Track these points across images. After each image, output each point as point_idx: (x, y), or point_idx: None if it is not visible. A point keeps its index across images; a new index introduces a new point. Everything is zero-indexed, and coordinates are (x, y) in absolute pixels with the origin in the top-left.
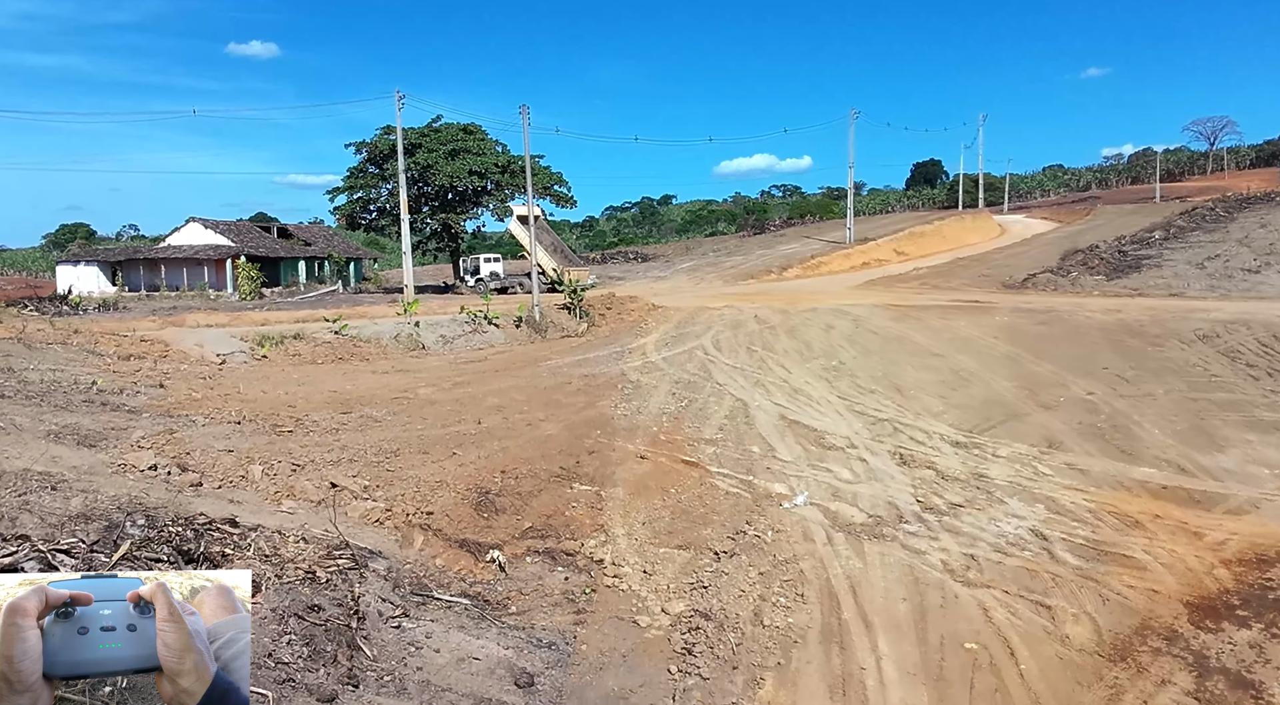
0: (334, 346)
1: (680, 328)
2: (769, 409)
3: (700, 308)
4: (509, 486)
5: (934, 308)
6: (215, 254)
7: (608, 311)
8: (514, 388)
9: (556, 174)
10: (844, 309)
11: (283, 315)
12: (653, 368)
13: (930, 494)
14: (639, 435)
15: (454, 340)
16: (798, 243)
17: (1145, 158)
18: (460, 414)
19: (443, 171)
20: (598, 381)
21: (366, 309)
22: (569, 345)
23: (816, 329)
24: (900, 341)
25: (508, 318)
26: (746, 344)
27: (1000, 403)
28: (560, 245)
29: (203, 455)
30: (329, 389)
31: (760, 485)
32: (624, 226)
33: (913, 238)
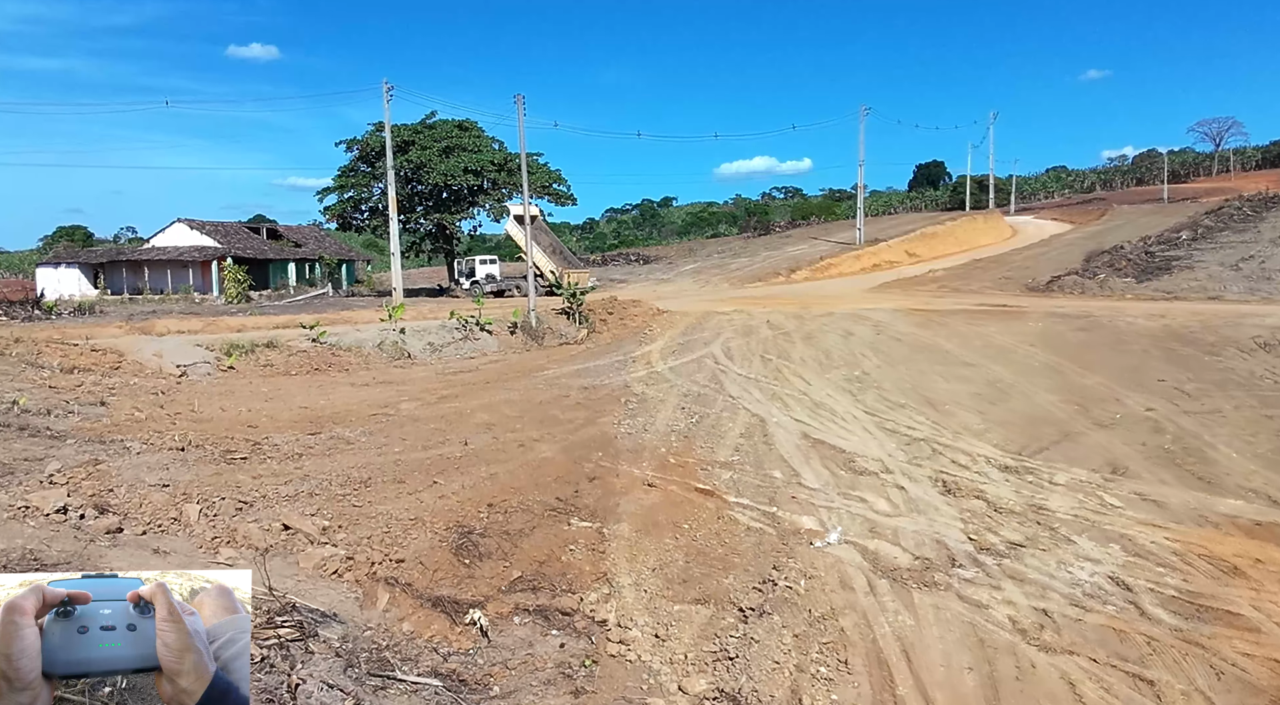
0: (310, 356)
1: (687, 334)
2: (789, 426)
3: (708, 312)
4: (496, 523)
5: (959, 312)
6: (201, 256)
7: (609, 316)
8: (506, 402)
9: (555, 172)
10: (862, 314)
11: (262, 321)
12: (659, 379)
13: (984, 530)
14: (646, 457)
15: (443, 348)
16: (805, 244)
17: (1150, 159)
18: (445, 433)
19: (436, 169)
20: (599, 394)
21: (351, 314)
22: (568, 353)
23: (835, 335)
24: (927, 349)
25: (502, 323)
26: (760, 352)
27: (1048, 419)
28: (559, 246)
29: (129, 492)
30: (299, 405)
31: (786, 519)
32: (624, 228)
33: (924, 239)
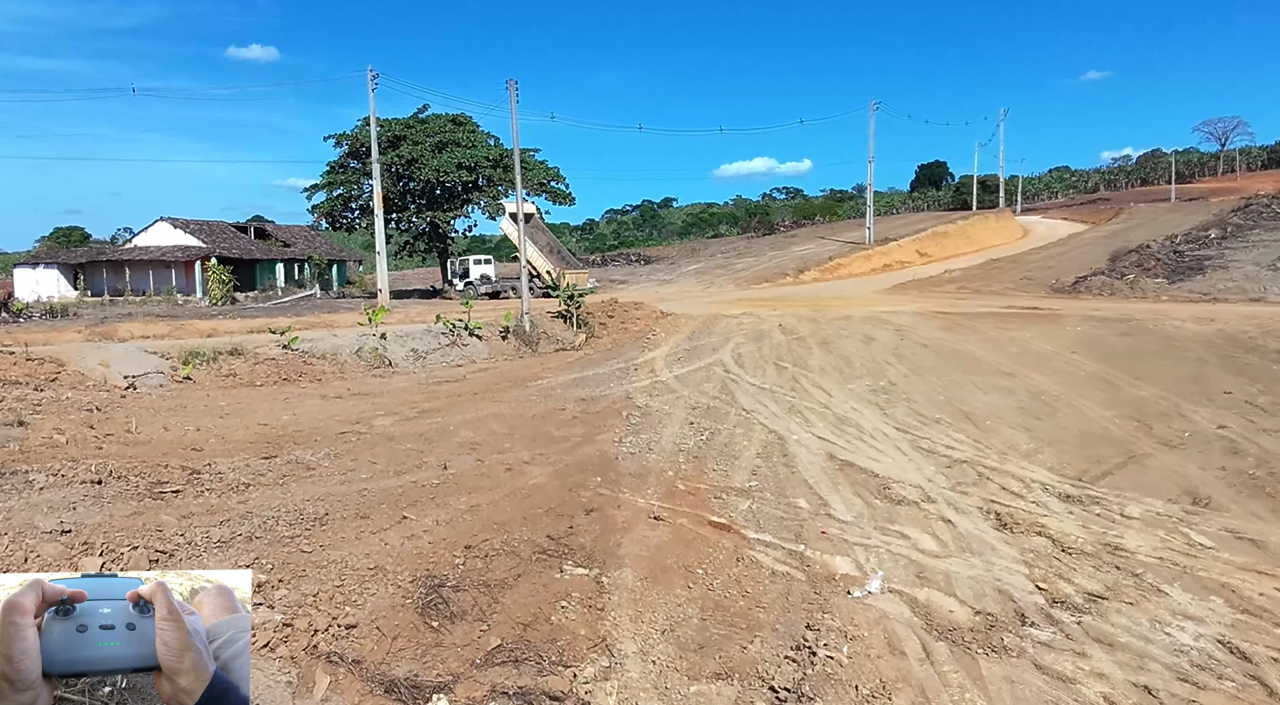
0: (279, 364)
1: (694, 339)
2: (811, 445)
3: (714, 315)
4: (474, 572)
5: (987, 315)
6: (184, 256)
7: (609, 320)
8: (494, 416)
9: (553, 169)
10: (882, 317)
11: (237, 324)
12: (664, 389)
13: (1054, 577)
14: (651, 483)
15: (427, 355)
16: (812, 244)
17: (1154, 159)
18: (423, 454)
19: (429, 165)
20: (597, 407)
21: (333, 317)
22: (564, 360)
23: (854, 341)
24: (957, 356)
25: (492, 328)
26: (774, 359)
27: (1107, 438)
28: (557, 246)
29: (13, 543)
30: (258, 422)
31: (816, 560)
32: (624, 229)
33: (935, 238)
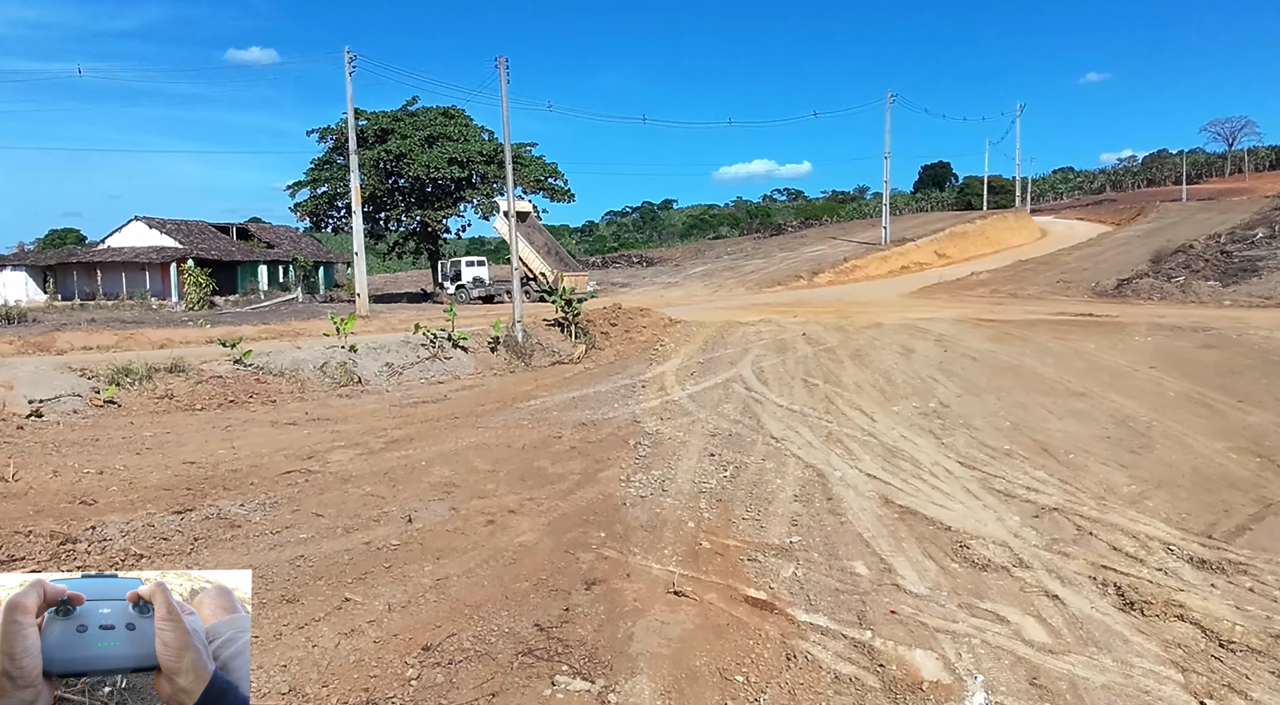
0: (227, 383)
1: (708, 350)
2: (860, 484)
3: (729, 322)
4: (431, 691)
5: (1038, 323)
6: (159, 257)
7: (612, 328)
8: (476, 448)
9: (551, 165)
10: (918, 325)
11: (198, 333)
12: (677, 410)
13: (1222, 688)
14: (667, 538)
15: (404, 371)
16: (824, 244)
17: (1160, 160)
18: (384, 502)
19: (418, 160)
20: (600, 434)
21: (304, 325)
22: (561, 376)
23: (891, 353)
24: (1016, 373)
25: (480, 338)
26: (801, 374)
27: (1226, 479)
28: (555, 246)
29: None
30: (183, 460)
31: (890, 656)
32: (624, 231)
33: (954, 238)
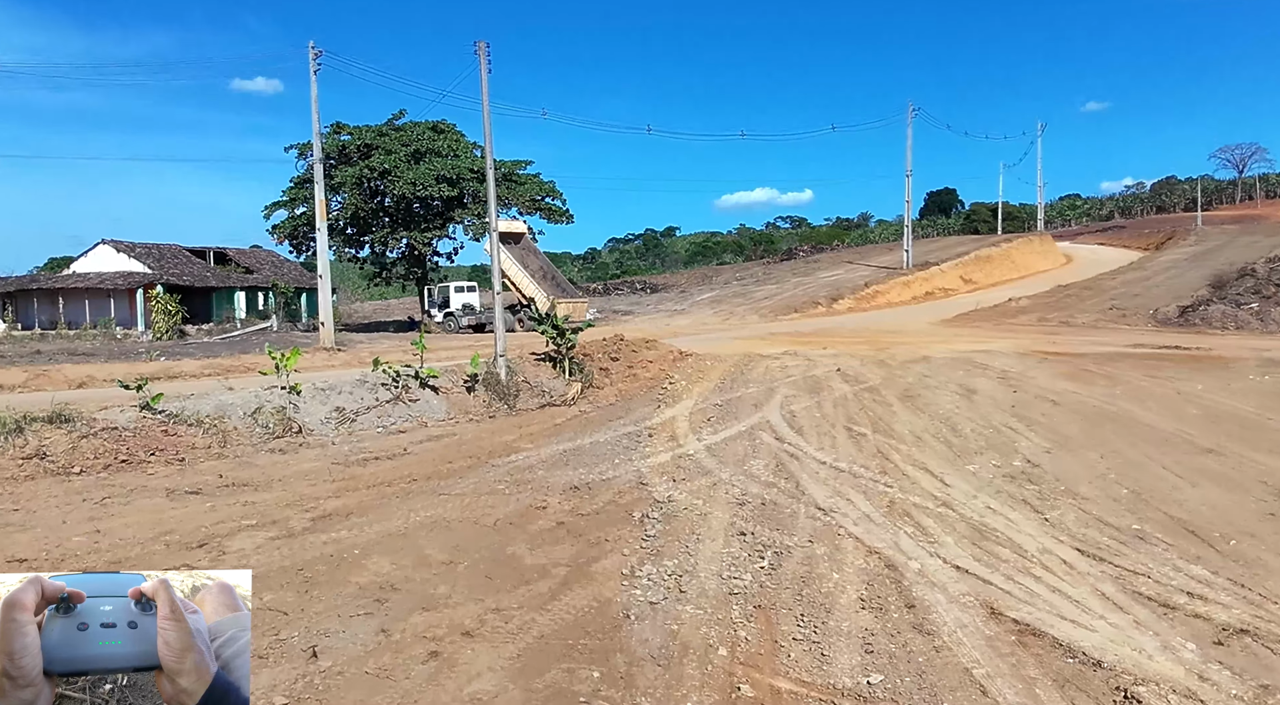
0: (123, 437)
1: (726, 389)
2: (947, 582)
3: (747, 355)
4: None
5: (1117, 357)
6: (126, 283)
7: (613, 363)
8: (433, 526)
9: (548, 184)
10: (971, 359)
11: (143, 368)
12: (693, 468)
13: None
14: (689, 679)
15: (357, 417)
16: (840, 269)
17: (1168, 186)
18: (286, 621)
19: (403, 178)
20: (596, 502)
21: (255, 360)
22: (551, 421)
23: (949, 394)
24: (1112, 420)
25: (454, 376)
26: (843, 421)
27: None
28: (551, 270)
29: None
30: (11, 555)
31: None
32: (627, 258)
33: (979, 262)
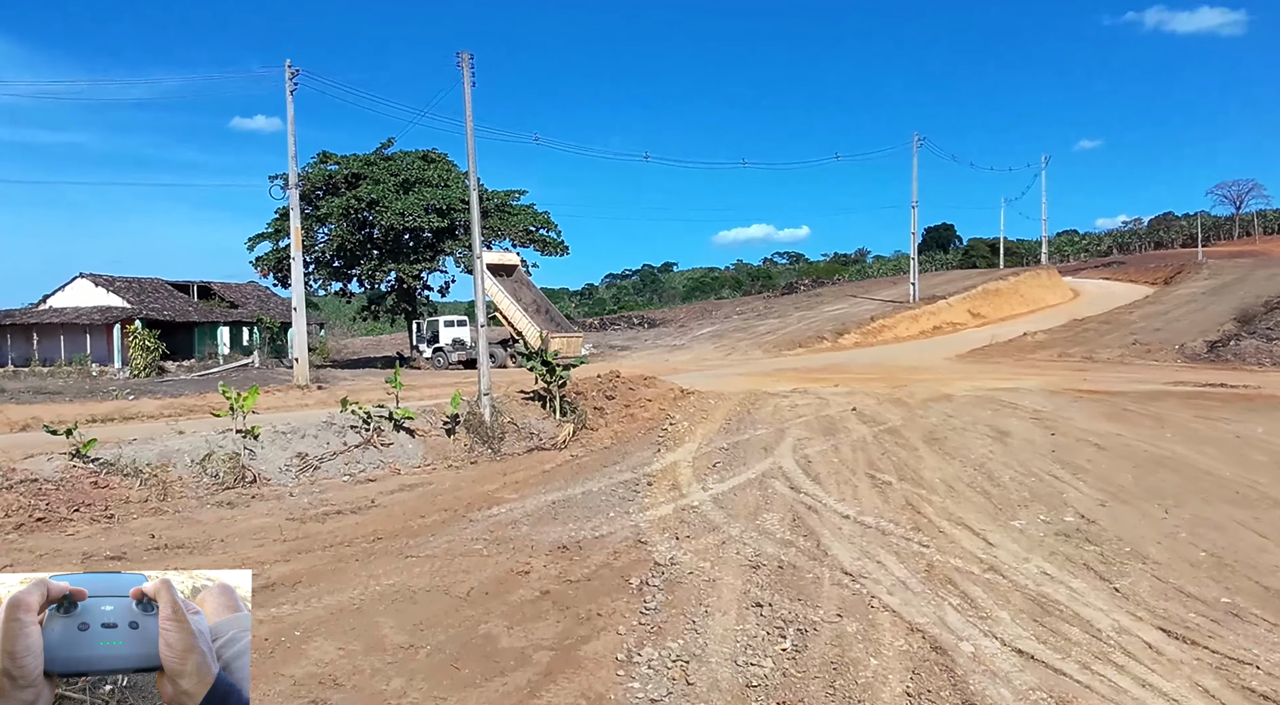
0: (43, 491)
1: (732, 431)
2: (1010, 671)
3: (754, 393)
4: None
5: (1158, 395)
6: (104, 318)
7: (608, 402)
8: (394, 597)
9: (543, 214)
10: (997, 397)
11: (107, 407)
12: (698, 522)
13: None
14: None
15: (321, 463)
16: (844, 303)
17: (1166, 222)
18: None
19: (392, 208)
20: (588, 565)
21: (219, 400)
22: (539, 467)
23: (980, 437)
24: (1169, 468)
25: (433, 417)
26: (865, 467)
27: None
28: (545, 304)
29: None
30: None
31: None
32: (625, 294)
33: (987, 296)
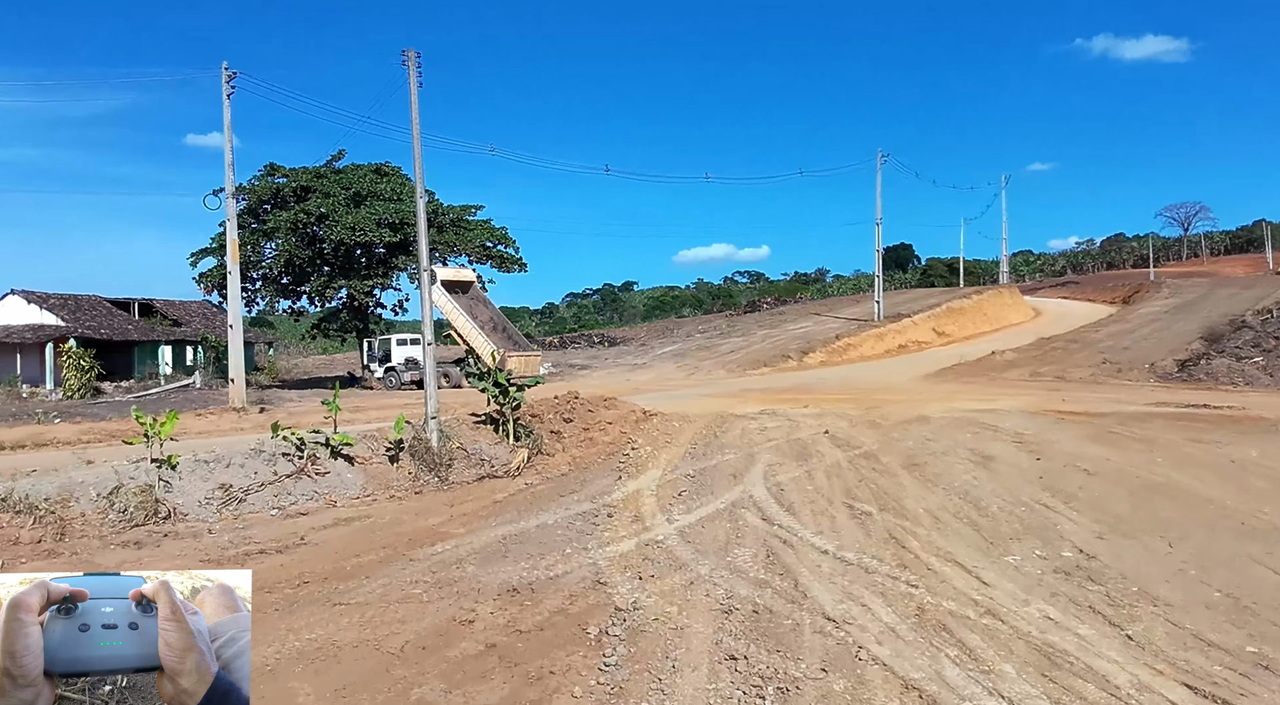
0: None
1: (698, 456)
2: None
3: (720, 415)
4: None
5: (1144, 417)
6: (36, 337)
7: (566, 425)
8: (311, 658)
9: (500, 230)
10: (976, 419)
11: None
12: (664, 559)
13: None
14: None
15: (247, 496)
16: (808, 321)
17: (1117, 243)
18: None
19: (342, 222)
20: (540, 611)
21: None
22: (490, 497)
23: (961, 461)
24: (1166, 495)
25: (375, 443)
26: (841, 495)
27: None
28: (503, 322)
29: None
30: None
31: None
32: (585, 313)
33: (951, 314)
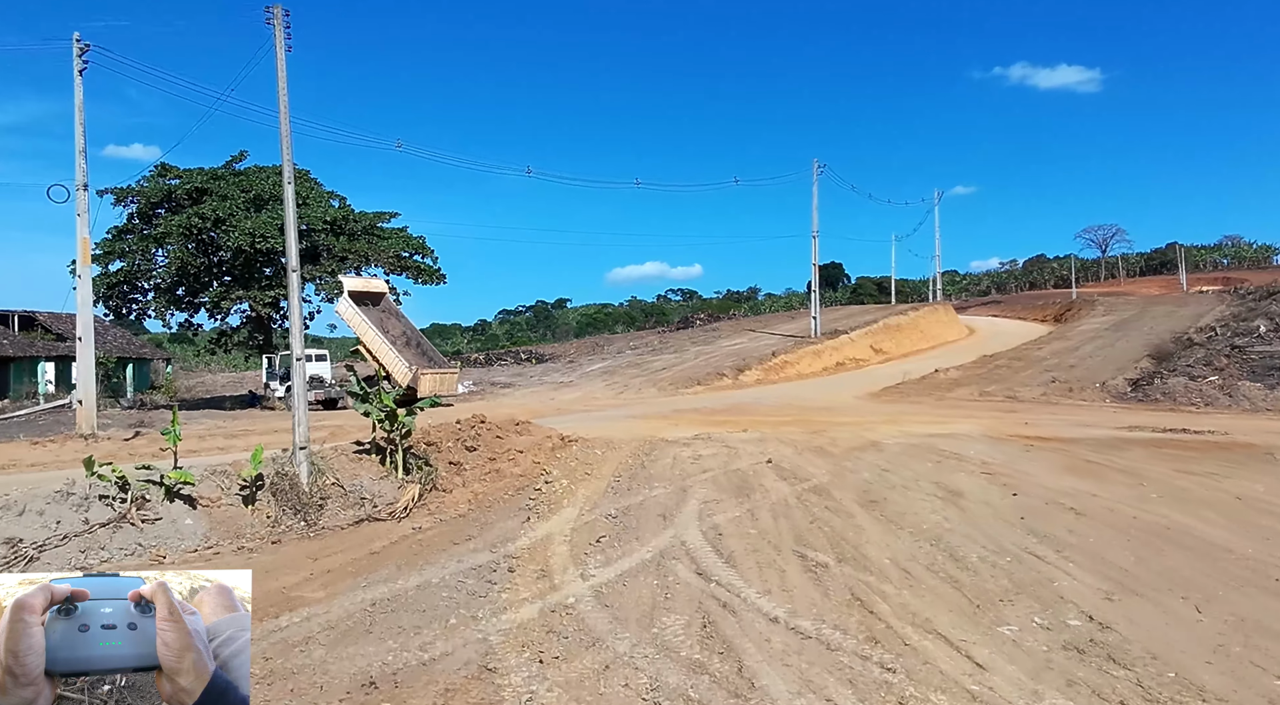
0: None
1: (622, 491)
2: None
3: (649, 440)
4: None
5: (1122, 444)
6: None
7: (469, 454)
8: None
9: (418, 239)
10: (934, 445)
11: None
12: (574, 633)
13: None
14: None
15: (42, 553)
16: (742, 337)
17: (1039, 264)
18: None
19: (240, 227)
20: None
21: (14, 450)
22: (366, 547)
23: (925, 497)
24: (1173, 542)
25: (227, 479)
26: (791, 541)
27: None
28: (416, 337)
29: None
30: None
31: None
32: (518, 330)
33: (889, 331)
